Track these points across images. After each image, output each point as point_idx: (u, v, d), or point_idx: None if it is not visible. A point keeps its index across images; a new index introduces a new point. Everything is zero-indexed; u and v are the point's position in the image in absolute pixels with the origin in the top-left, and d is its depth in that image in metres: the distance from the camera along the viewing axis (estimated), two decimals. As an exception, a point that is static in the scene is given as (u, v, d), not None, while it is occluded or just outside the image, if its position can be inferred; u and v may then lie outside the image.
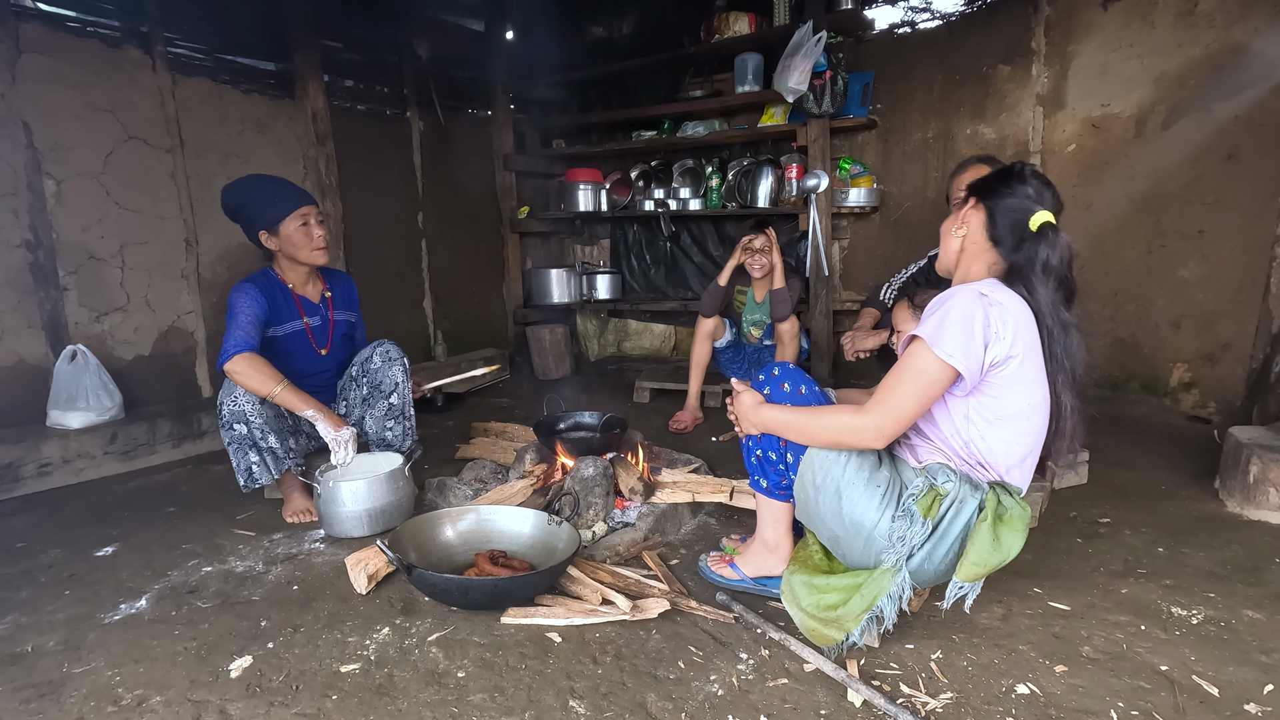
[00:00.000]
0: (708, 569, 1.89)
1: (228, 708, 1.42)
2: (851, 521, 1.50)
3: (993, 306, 1.39)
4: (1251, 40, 3.03)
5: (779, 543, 1.78)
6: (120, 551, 2.16)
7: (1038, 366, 1.44)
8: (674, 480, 2.33)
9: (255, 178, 2.47)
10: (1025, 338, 1.40)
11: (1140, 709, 1.36)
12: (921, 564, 1.47)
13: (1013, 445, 1.46)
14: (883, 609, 1.47)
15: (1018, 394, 1.42)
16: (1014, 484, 1.49)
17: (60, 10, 2.97)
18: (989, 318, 1.38)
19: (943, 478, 1.46)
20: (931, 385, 1.40)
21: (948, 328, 1.38)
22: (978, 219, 1.52)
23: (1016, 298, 1.43)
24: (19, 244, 2.84)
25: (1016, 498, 1.47)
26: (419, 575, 1.68)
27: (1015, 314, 1.40)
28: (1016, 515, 1.45)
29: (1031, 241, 1.44)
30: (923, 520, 1.43)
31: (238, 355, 2.14)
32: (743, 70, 4.09)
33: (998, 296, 1.40)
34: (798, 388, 1.62)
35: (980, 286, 1.42)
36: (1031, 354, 1.42)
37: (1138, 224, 3.40)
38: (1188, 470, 2.61)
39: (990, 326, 1.37)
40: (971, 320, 1.37)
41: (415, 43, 4.27)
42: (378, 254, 4.17)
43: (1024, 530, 1.45)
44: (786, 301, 3.22)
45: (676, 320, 4.98)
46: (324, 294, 2.53)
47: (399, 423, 2.50)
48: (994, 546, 1.42)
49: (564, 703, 1.41)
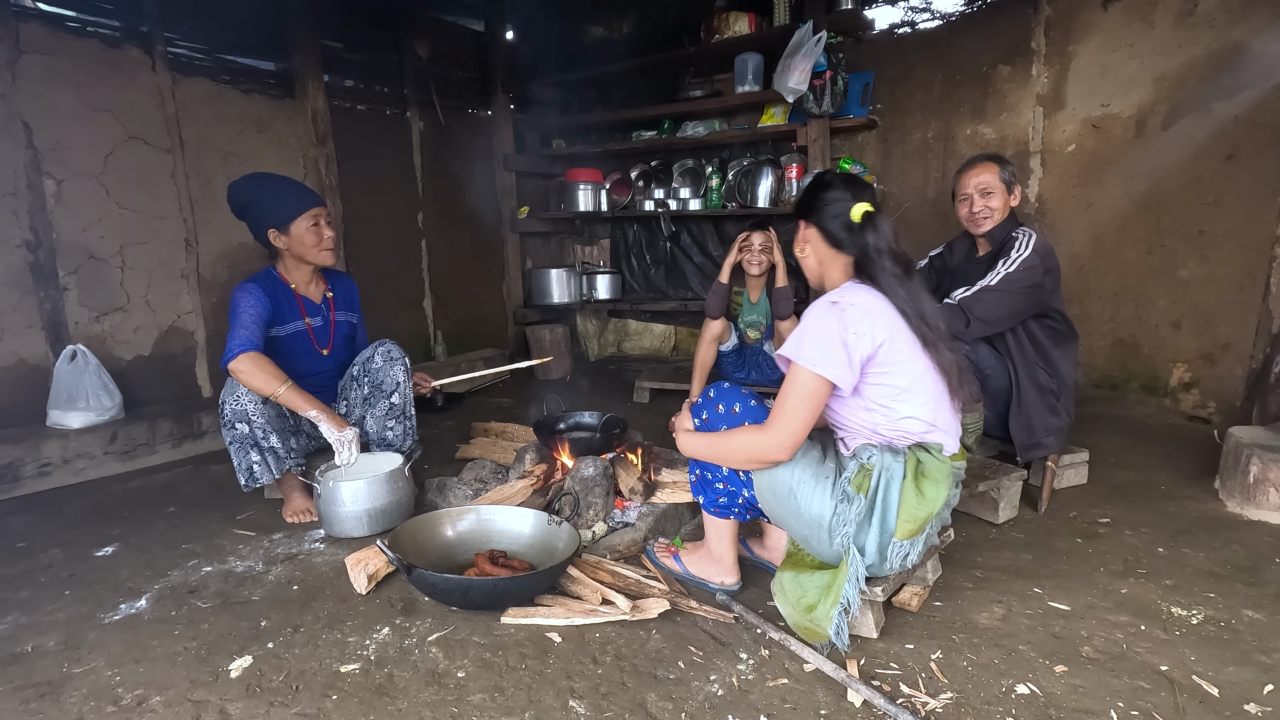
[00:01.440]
0: (652, 553, 1.99)
1: (228, 708, 1.42)
2: (810, 517, 1.56)
3: (845, 310, 1.50)
4: (1251, 40, 3.03)
5: (723, 555, 1.84)
6: (120, 551, 2.16)
7: (908, 343, 1.53)
8: (674, 480, 2.33)
9: (264, 176, 2.47)
10: (884, 323, 1.51)
11: (1140, 709, 1.36)
12: (880, 539, 1.53)
13: (918, 415, 1.54)
14: (847, 596, 1.51)
15: (900, 372, 1.52)
16: (934, 443, 1.57)
17: (60, 10, 2.96)
18: (842, 321, 1.49)
19: (867, 454, 1.55)
20: (810, 396, 1.49)
21: (806, 342, 1.50)
22: (814, 234, 1.66)
23: (865, 291, 1.55)
24: (19, 244, 2.84)
25: (936, 453, 1.56)
26: (419, 575, 1.68)
27: (866, 306, 1.51)
28: (935, 468, 1.54)
29: (859, 231, 1.58)
30: (857, 496, 1.51)
31: (242, 354, 2.14)
32: (743, 70, 4.09)
33: (848, 299, 1.52)
34: (731, 406, 1.69)
35: (831, 295, 1.55)
36: (897, 334, 1.52)
37: (1138, 224, 3.40)
38: (1188, 470, 2.61)
39: (846, 329, 1.48)
40: (826, 330, 1.49)
41: (415, 43, 4.27)
42: (378, 254, 4.17)
43: (946, 480, 1.55)
44: (789, 299, 3.21)
45: (676, 320, 4.98)
46: (326, 294, 2.54)
47: (400, 422, 2.50)
48: (919, 500, 1.52)
49: (564, 703, 1.41)
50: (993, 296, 2.28)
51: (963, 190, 2.48)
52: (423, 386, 2.59)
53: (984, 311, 2.28)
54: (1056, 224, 3.60)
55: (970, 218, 2.47)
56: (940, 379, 1.57)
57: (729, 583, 1.84)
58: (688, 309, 4.62)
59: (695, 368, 3.43)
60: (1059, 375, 2.38)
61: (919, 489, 1.52)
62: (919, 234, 3.95)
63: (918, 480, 1.53)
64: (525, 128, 5.02)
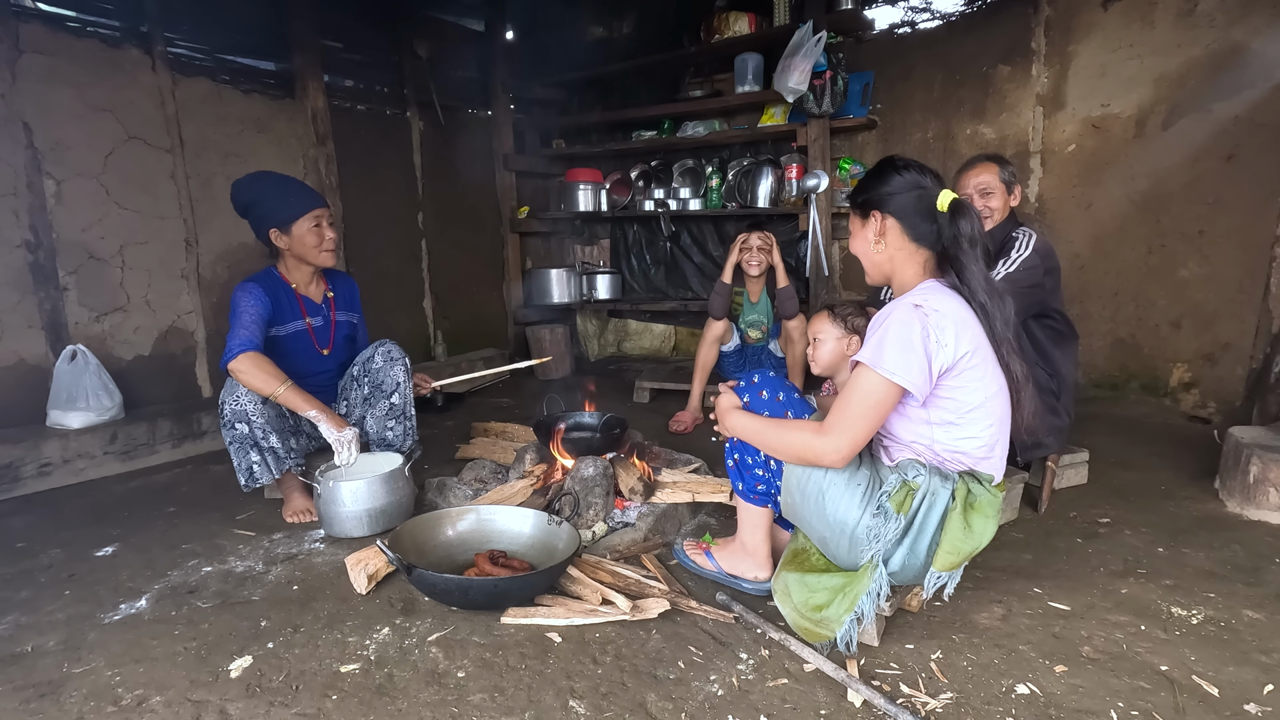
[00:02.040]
0: (682, 553, 1.94)
1: (228, 708, 1.42)
2: (835, 521, 1.51)
3: (929, 315, 1.39)
4: (1251, 40, 3.03)
5: (757, 547, 1.79)
6: (120, 551, 2.16)
7: (987, 360, 1.45)
8: (674, 480, 2.33)
9: (268, 175, 2.47)
10: (969, 335, 1.41)
11: (1140, 709, 1.36)
12: (906, 560, 1.48)
13: (978, 439, 1.47)
14: (862, 609, 1.48)
15: (974, 391, 1.43)
16: (985, 473, 1.50)
17: (60, 10, 2.96)
18: (927, 328, 1.38)
19: (913, 472, 1.47)
20: (880, 404, 1.41)
21: (887, 347, 1.39)
22: (894, 227, 1.51)
23: (951, 297, 1.45)
24: (19, 244, 2.84)
25: (987, 484, 1.49)
26: (419, 575, 1.68)
27: (953, 316, 1.41)
28: (986, 502, 1.46)
29: (950, 221, 1.45)
30: (896, 516, 1.45)
31: (242, 354, 2.14)
32: (743, 70, 4.09)
33: (933, 303, 1.41)
34: (776, 394, 1.64)
35: (914, 297, 1.44)
36: (979, 349, 1.43)
37: (1138, 224, 3.40)
38: (1188, 470, 2.61)
39: (930, 337, 1.38)
40: (909, 335, 1.38)
41: (415, 43, 4.27)
42: (378, 254, 4.17)
43: (995, 516, 1.48)
44: (794, 298, 3.22)
45: (676, 320, 4.98)
46: (326, 294, 2.54)
47: (400, 422, 2.50)
48: (965, 534, 1.45)
49: (564, 703, 1.41)
50: (993, 296, 2.28)
51: (962, 190, 2.48)
52: (423, 387, 2.59)
53: (984, 311, 2.28)
54: (1056, 224, 3.60)
55: None
56: (1008, 400, 1.48)
57: (763, 578, 1.77)
58: (688, 309, 4.62)
59: (696, 368, 3.44)
60: (1059, 375, 2.38)
61: (967, 522, 1.44)
62: (919, 234, 3.95)
63: (966, 513, 1.45)
64: (525, 128, 5.01)
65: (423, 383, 2.59)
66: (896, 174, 1.50)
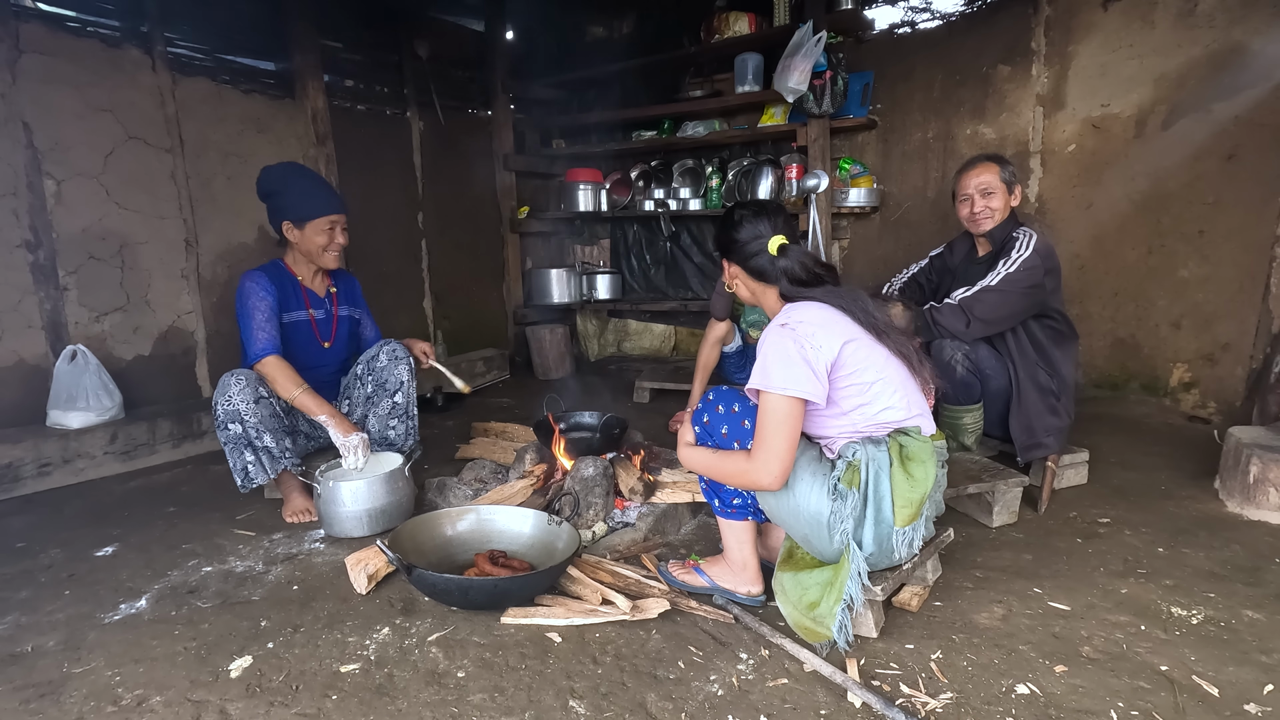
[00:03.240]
0: (670, 575, 1.86)
1: (228, 708, 1.42)
2: (809, 515, 1.56)
3: (796, 329, 1.53)
4: (1251, 40, 3.03)
5: (745, 563, 1.77)
6: (120, 551, 2.16)
7: (865, 339, 1.57)
8: (674, 480, 2.33)
9: (300, 170, 2.51)
10: (836, 329, 1.54)
11: (1140, 709, 1.36)
12: (876, 530, 1.54)
13: (893, 407, 1.57)
14: (850, 593, 1.50)
15: (865, 368, 1.55)
16: (912, 427, 1.59)
17: (60, 10, 2.96)
18: (798, 338, 1.51)
19: (851, 450, 1.56)
20: (789, 419, 1.50)
21: (771, 367, 1.51)
22: (739, 271, 1.72)
23: (810, 305, 1.59)
24: (19, 244, 2.84)
25: (915, 434, 1.58)
26: (419, 575, 1.68)
27: (815, 319, 1.54)
28: (919, 448, 1.56)
29: (779, 260, 1.64)
30: (851, 491, 1.52)
31: (266, 358, 2.26)
32: (743, 70, 4.09)
33: (796, 316, 1.55)
34: (731, 406, 1.68)
35: (779, 318, 1.59)
36: (852, 334, 1.55)
37: (1138, 224, 3.40)
38: (1188, 470, 2.61)
39: (802, 346, 1.50)
40: (785, 351, 1.51)
41: (415, 43, 4.27)
42: (378, 254, 4.17)
43: (932, 459, 1.56)
44: None
45: (676, 320, 4.98)
46: (329, 289, 2.57)
47: (402, 422, 2.52)
48: (910, 483, 1.54)
49: (564, 703, 1.41)
50: (993, 297, 2.28)
51: (963, 190, 2.48)
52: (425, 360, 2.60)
53: (984, 311, 2.28)
54: (1056, 224, 3.60)
55: (971, 218, 2.47)
56: (902, 364, 1.60)
57: (755, 592, 1.76)
58: (688, 309, 4.62)
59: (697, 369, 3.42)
60: (1059, 375, 2.38)
61: (907, 472, 1.54)
62: (919, 234, 3.95)
63: (904, 464, 1.54)
64: (525, 128, 5.02)
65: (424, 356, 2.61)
66: (735, 227, 1.69)
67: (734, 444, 1.65)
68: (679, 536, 2.21)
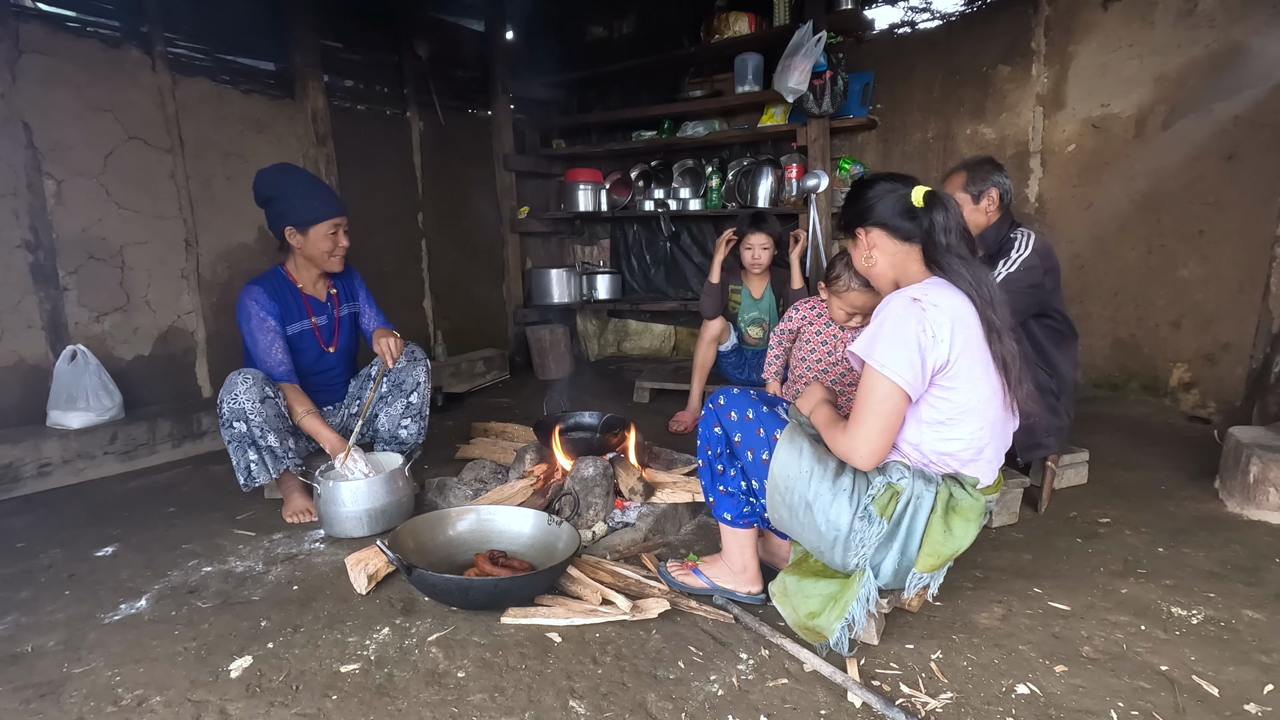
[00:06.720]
0: (669, 575, 1.86)
1: (228, 708, 1.42)
2: (827, 528, 1.49)
3: (926, 310, 1.39)
4: (1251, 40, 3.03)
5: (746, 566, 1.78)
6: (120, 551, 2.16)
7: (983, 362, 1.43)
8: (674, 480, 2.33)
9: (296, 172, 2.48)
10: (964, 335, 1.40)
11: (1140, 709, 1.36)
12: (898, 564, 1.48)
13: (964, 441, 1.45)
14: (853, 615, 1.47)
15: (966, 389, 1.42)
16: (970, 476, 1.48)
17: (60, 10, 2.96)
18: (923, 321, 1.38)
19: (898, 475, 1.46)
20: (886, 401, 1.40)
21: (880, 338, 1.40)
22: (879, 235, 1.55)
23: (952, 292, 1.44)
24: (19, 244, 2.84)
25: (969, 488, 1.48)
26: (419, 575, 1.68)
27: (951, 312, 1.40)
28: (968, 506, 1.47)
29: (926, 214, 1.49)
30: (879, 519, 1.45)
31: (283, 385, 2.33)
32: (743, 70, 4.09)
33: (932, 298, 1.41)
34: (745, 413, 1.63)
35: (912, 290, 1.44)
36: (974, 349, 1.42)
37: (1138, 224, 3.40)
38: (1188, 470, 2.61)
39: (924, 329, 1.37)
40: (903, 326, 1.38)
41: (415, 43, 4.27)
42: (378, 254, 4.16)
43: (977, 520, 1.48)
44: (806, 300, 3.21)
45: (676, 320, 4.98)
46: (330, 291, 2.57)
47: (415, 421, 2.55)
48: (945, 537, 1.46)
49: (564, 703, 1.41)
50: (993, 296, 2.28)
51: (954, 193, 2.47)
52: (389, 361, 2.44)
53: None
54: (1056, 224, 3.60)
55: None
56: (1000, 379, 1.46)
57: (755, 592, 1.77)
58: (688, 309, 4.62)
59: (695, 368, 3.43)
60: (1059, 375, 2.37)
61: (947, 525, 1.45)
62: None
63: (947, 516, 1.45)
64: (525, 128, 5.02)
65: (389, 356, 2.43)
66: (869, 188, 1.56)
67: (747, 453, 1.61)
68: (679, 536, 2.21)
